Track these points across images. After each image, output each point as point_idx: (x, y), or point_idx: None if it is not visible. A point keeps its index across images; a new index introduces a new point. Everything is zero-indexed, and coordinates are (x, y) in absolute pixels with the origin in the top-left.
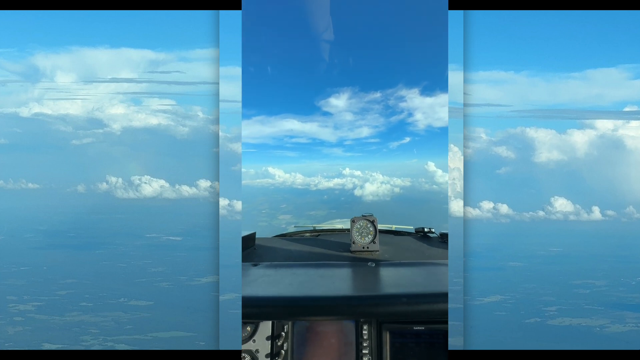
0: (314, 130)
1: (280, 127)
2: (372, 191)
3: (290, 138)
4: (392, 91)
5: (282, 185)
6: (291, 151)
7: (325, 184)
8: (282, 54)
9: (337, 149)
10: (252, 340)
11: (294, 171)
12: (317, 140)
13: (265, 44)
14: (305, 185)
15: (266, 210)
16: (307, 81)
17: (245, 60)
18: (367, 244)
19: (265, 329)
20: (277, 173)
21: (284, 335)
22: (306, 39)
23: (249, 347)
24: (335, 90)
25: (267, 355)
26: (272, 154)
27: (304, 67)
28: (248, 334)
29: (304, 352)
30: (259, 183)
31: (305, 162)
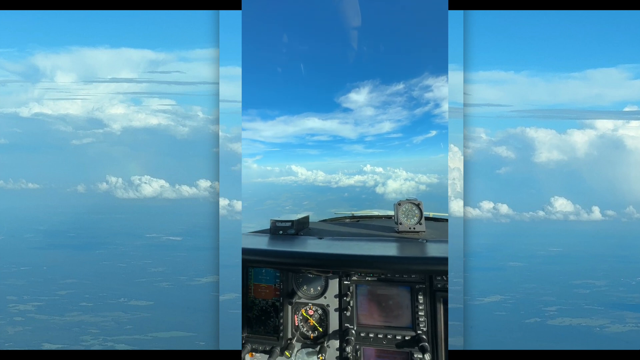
0: (334, 127)
1: (302, 126)
2: (395, 188)
3: (312, 136)
4: (417, 81)
5: (305, 183)
6: (313, 149)
7: (345, 181)
8: (299, 53)
9: (358, 145)
10: (323, 296)
11: (316, 168)
12: (338, 137)
13: (277, 44)
14: (326, 183)
15: (290, 206)
16: (326, 78)
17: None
18: (413, 225)
19: (333, 288)
20: (300, 171)
21: (350, 294)
22: (318, 38)
23: (321, 302)
24: (355, 85)
25: (335, 310)
26: (295, 152)
27: (322, 64)
28: (319, 291)
29: (366, 309)
30: (283, 180)
31: (326, 160)
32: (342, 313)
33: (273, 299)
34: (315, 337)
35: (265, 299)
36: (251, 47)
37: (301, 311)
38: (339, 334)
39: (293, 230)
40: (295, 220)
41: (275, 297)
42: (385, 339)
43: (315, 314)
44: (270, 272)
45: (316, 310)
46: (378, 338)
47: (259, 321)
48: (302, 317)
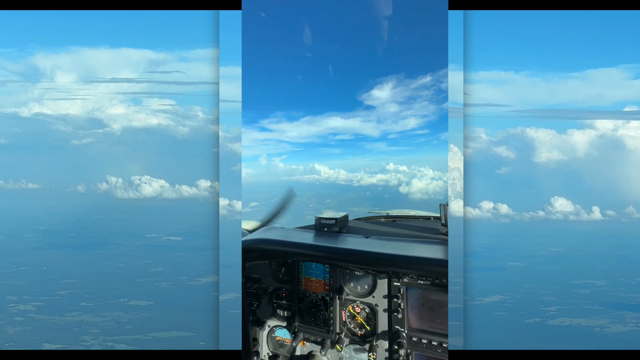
0: (356, 125)
1: (325, 126)
2: (420, 188)
3: (334, 135)
4: (447, 71)
5: (327, 181)
6: (335, 148)
7: (367, 180)
8: (322, 54)
9: (380, 143)
10: (371, 295)
11: (338, 167)
12: (360, 135)
13: (297, 46)
14: (348, 181)
15: (313, 204)
16: (348, 77)
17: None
18: None
19: (382, 288)
20: (323, 169)
21: (400, 296)
22: (339, 37)
23: (369, 300)
24: (377, 82)
25: (384, 310)
26: (318, 151)
27: (344, 63)
28: (366, 290)
29: (418, 314)
30: (307, 179)
31: (348, 158)
32: (391, 314)
33: (323, 293)
34: (362, 334)
35: (316, 292)
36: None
37: (348, 307)
38: (388, 335)
39: (337, 228)
40: (339, 218)
41: (325, 292)
42: (440, 347)
43: (363, 312)
44: (319, 267)
45: (363, 308)
46: (432, 345)
47: (310, 313)
48: (350, 313)
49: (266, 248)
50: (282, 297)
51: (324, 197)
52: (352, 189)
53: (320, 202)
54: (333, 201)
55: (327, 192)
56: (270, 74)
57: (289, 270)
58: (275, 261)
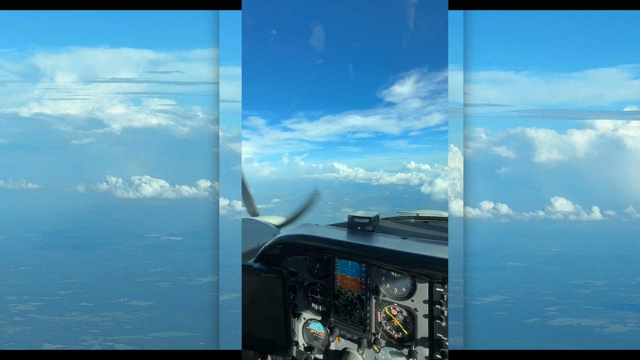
0: (376, 123)
1: (344, 124)
2: (444, 188)
3: (353, 134)
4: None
5: (346, 180)
6: (354, 146)
7: (387, 178)
8: (333, 50)
9: (401, 141)
10: (410, 299)
11: (357, 166)
12: (380, 133)
13: (300, 45)
14: (366, 180)
15: (331, 202)
16: (368, 74)
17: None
18: None
19: (422, 292)
20: (342, 168)
21: (443, 303)
22: (358, 34)
23: (408, 304)
24: (399, 77)
25: (424, 316)
26: (337, 150)
27: (363, 59)
28: (404, 293)
29: None
30: (326, 177)
31: (367, 157)
32: (433, 321)
33: (359, 292)
34: (399, 338)
35: (352, 290)
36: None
37: (384, 309)
38: (429, 343)
39: (370, 227)
40: (372, 218)
41: (361, 291)
42: None
43: (400, 315)
44: (355, 266)
45: (400, 311)
46: None
47: (345, 310)
48: (385, 315)
49: (307, 244)
50: (317, 291)
51: (342, 196)
52: (370, 187)
53: (338, 201)
54: (351, 200)
55: (346, 190)
56: (278, 74)
57: (323, 266)
58: (310, 256)
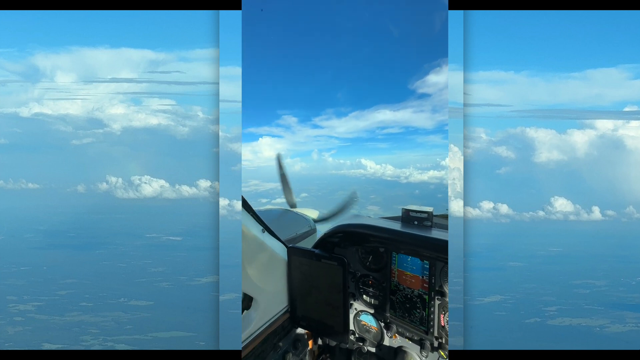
0: (406, 117)
1: (373, 120)
2: None
3: (382, 129)
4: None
5: (373, 177)
6: (382, 142)
7: (417, 176)
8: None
9: (435, 136)
10: None
11: (385, 162)
12: (410, 128)
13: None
14: (395, 177)
15: (357, 199)
16: (398, 63)
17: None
18: None
19: None
20: (369, 164)
21: None
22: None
23: None
24: (435, 65)
25: None
26: (365, 146)
27: (392, 46)
28: None
29: None
30: (353, 174)
31: (396, 153)
32: None
33: (420, 290)
34: None
35: (411, 287)
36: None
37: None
38: None
39: (429, 222)
40: (431, 212)
41: (422, 289)
42: None
43: None
44: (416, 262)
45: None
46: None
47: (403, 307)
48: None
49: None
50: (369, 284)
51: (368, 193)
52: (399, 185)
53: (365, 197)
54: (378, 197)
55: (372, 187)
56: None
57: (376, 259)
58: (363, 248)
